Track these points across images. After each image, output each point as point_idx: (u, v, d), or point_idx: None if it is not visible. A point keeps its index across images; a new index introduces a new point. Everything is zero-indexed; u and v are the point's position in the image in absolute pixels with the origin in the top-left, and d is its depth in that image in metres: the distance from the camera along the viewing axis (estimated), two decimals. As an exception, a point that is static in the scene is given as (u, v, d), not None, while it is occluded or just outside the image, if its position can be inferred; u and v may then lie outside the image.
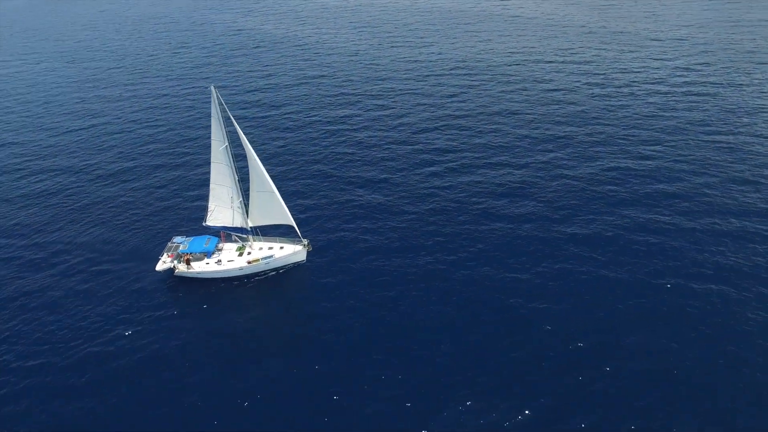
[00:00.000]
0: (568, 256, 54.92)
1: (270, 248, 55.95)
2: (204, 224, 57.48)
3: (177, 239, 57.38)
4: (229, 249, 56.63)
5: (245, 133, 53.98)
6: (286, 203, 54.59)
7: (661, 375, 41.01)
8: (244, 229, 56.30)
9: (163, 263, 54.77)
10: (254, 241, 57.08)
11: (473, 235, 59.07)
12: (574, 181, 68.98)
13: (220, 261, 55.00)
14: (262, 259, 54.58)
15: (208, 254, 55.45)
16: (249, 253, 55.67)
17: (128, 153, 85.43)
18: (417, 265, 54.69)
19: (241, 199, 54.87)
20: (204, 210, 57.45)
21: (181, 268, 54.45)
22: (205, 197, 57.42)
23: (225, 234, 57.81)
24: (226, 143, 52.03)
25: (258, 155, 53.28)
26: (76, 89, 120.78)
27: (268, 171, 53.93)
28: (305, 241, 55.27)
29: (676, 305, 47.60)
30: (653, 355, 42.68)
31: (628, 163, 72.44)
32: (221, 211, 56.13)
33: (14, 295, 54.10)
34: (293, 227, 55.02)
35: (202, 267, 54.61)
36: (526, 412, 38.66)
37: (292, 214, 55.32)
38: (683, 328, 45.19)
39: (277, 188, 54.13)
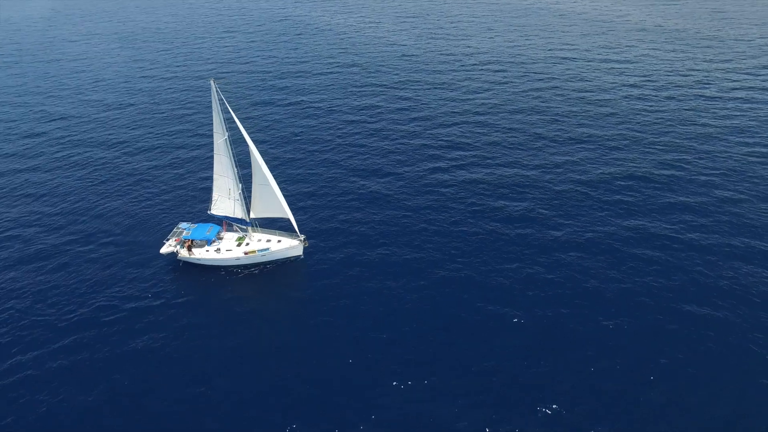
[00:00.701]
0: (557, 264, 52.29)
1: (268, 241, 55.68)
2: (208, 212, 57.90)
3: (183, 225, 57.95)
4: (229, 239, 56.74)
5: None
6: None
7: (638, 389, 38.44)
8: (243, 221, 56.22)
9: (168, 247, 55.51)
10: (254, 232, 56.93)
11: (460, 236, 57.61)
12: (583, 187, 65.32)
13: (219, 249, 55.18)
14: (258, 251, 54.38)
15: (208, 242, 55.71)
16: (247, 244, 55.62)
17: (158, 132, 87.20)
18: (399, 255, 53.76)
19: (240, 191, 54.69)
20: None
21: (183, 253, 55.03)
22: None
23: (227, 224, 57.99)
24: (226, 136, 51.78)
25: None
26: (125, 68, 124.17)
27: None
28: (302, 237, 54.71)
29: (664, 329, 44.36)
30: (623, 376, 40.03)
31: (646, 172, 67.98)
32: (224, 201, 56.26)
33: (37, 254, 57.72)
34: (293, 220, 54.51)
35: (201, 254, 54.97)
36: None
37: (293, 205, 54.96)
38: (664, 349, 42.07)
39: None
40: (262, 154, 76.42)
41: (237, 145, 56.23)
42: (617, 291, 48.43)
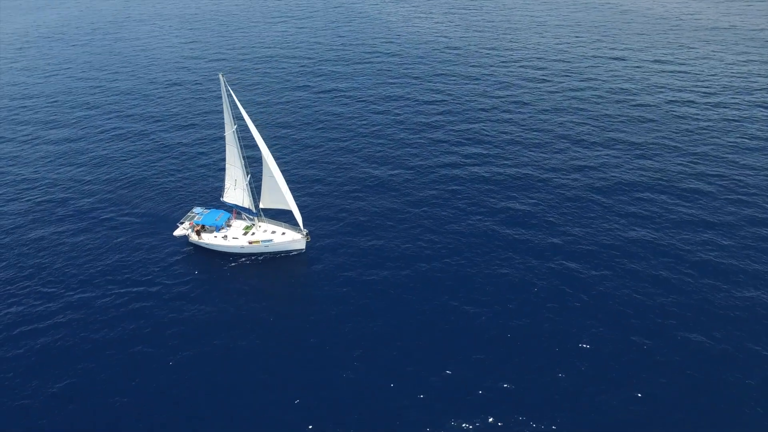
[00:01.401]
0: (548, 272, 49.99)
1: (273, 232, 56.06)
2: (221, 200, 58.93)
3: (196, 209, 59.36)
4: (237, 227, 57.58)
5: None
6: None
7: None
8: (251, 211, 56.82)
9: (182, 230, 57.09)
10: (261, 222, 57.47)
11: (453, 234, 56.60)
12: (597, 194, 61.63)
13: (226, 236, 56.13)
14: (262, 241, 54.90)
15: (217, 228, 56.80)
16: (253, 234, 56.25)
17: (196, 111, 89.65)
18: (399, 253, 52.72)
19: (247, 182, 55.19)
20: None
21: (193, 237, 56.45)
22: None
23: (236, 212, 58.81)
24: (233, 128, 52.19)
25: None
26: (180, 50, 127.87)
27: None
28: (305, 232, 54.69)
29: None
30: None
31: (669, 184, 63.25)
32: (234, 189, 57.01)
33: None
34: (298, 214, 54.60)
35: (209, 239, 56.14)
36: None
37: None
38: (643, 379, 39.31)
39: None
40: (283, 138, 78.50)
41: (251, 148, 57.48)
42: (604, 310, 45.55)
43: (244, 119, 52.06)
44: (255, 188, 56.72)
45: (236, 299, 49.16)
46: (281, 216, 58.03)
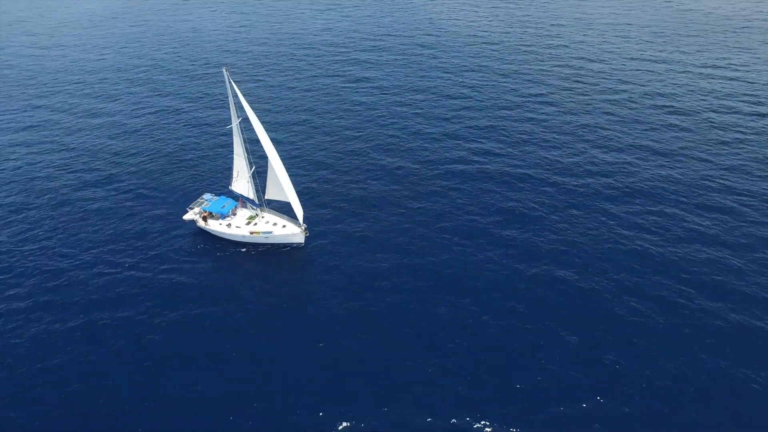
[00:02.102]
0: (533, 281, 48.11)
1: (274, 224, 56.50)
2: (229, 188, 59.89)
3: (206, 195, 60.59)
4: (241, 216, 58.38)
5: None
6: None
7: None
8: (254, 201, 57.44)
9: (191, 214, 58.56)
10: (265, 213, 58.03)
11: (444, 231, 55.85)
12: (605, 203, 58.37)
13: (230, 225, 57.07)
14: (262, 232, 55.46)
15: (222, 216, 57.84)
16: (255, 224, 56.90)
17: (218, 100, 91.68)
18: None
19: (251, 173, 55.72)
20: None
21: (200, 222, 57.78)
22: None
23: (243, 201, 59.61)
24: (236, 122, 52.61)
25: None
26: (227, 34, 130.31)
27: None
28: (303, 226, 54.82)
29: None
30: None
31: (686, 203, 58.89)
32: (240, 179, 57.77)
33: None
34: (299, 208, 54.83)
35: (214, 226, 57.28)
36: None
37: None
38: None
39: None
40: (301, 123, 79.79)
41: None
42: (582, 317, 43.38)
43: (250, 113, 52.34)
44: (261, 180, 57.36)
45: (227, 277, 51.08)
46: (286, 208, 58.39)
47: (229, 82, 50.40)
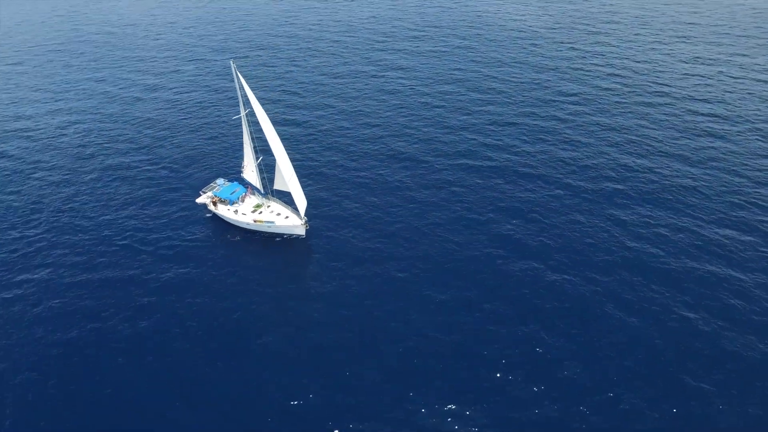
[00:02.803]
0: (509, 299, 46.03)
1: (278, 215, 57.22)
2: (241, 175, 61.08)
3: (219, 180, 62.19)
4: (248, 203, 59.47)
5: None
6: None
7: None
8: (259, 190, 58.28)
9: (203, 198, 60.38)
10: (272, 202, 58.83)
11: (444, 234, 54.61)
12: (612, 225, 54.92)
13: (236, 211, 58.32)
14: (265, 221, 56.32)
15: (230, 202, 59.17)
16: (260, 213, 57.83)
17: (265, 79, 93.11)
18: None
19: (257, 163, 56.49)
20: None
21: (210, 206, 59.49)
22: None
23: (251, 189, 60.63)
24: (244, 113, 53.27)
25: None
26: (271, 27, 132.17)
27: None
28: (304, 219, 55.20)
29: None
30: None
31: (701, 232, 54.58)
32: (248, 168, 58.73)
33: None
34: (302, 201, 55.29)
35: (222, 211, 58.76)
36: None
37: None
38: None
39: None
40: (323, 108, 79.80)
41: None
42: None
43: (256, 106, 52.92)
44: (271, 170, 58.33)
45: (227, 257, 53.10)
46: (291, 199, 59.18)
47: (236, 74, 51.02)
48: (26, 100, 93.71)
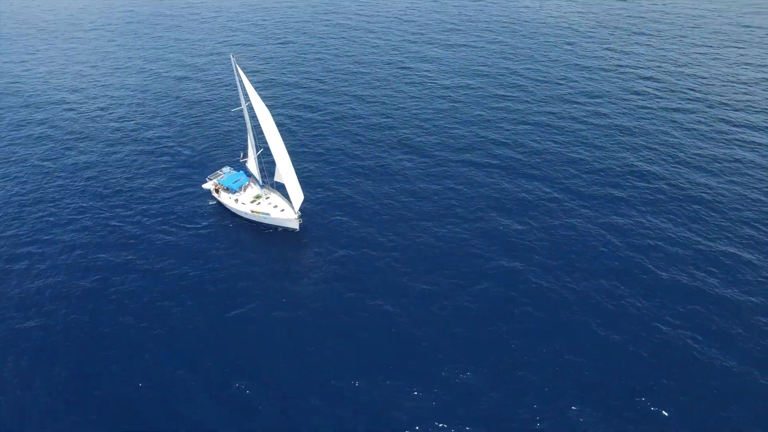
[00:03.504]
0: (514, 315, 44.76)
1: (275, 207, 58.23)
2: (246, 165, 62.55)
3: (225, 169, 64.03)
4: (249, 193, 60.83)
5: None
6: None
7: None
8: (258, 181, 59.47)
9: (209, 184, 62.55)
10: (271, 194, 59.94)
11: (427, 241, 53.45)
12: (614, 236, 52.34)
13: (237, 200, 59.86)
14: (261, 212, 57.52)
15: (232, 191, 60.78)
16: (258, 203, 59.08)
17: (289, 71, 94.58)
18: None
19: (256, 155, 57.60)
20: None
21: (214, 193, 61.51)
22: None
23: (253, 179, 61.95)
24: (243, 106, 54.33)
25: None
26: (311, 11, 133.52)
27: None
28: (298, 214, 55.82)
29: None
30: None
31: (711, 250, 51.13)
32: (250, 159, 60.08)
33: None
34: (298, 195, 56.02)
35: (224, 199, 60.47)
36: None
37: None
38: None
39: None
40: (340, 103, 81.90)
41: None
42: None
43: (255, 99, 53.89)
44: (270, 162, 59.45)
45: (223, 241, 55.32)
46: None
47: (236, 67, 52.05)
48: (76, 74, 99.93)
